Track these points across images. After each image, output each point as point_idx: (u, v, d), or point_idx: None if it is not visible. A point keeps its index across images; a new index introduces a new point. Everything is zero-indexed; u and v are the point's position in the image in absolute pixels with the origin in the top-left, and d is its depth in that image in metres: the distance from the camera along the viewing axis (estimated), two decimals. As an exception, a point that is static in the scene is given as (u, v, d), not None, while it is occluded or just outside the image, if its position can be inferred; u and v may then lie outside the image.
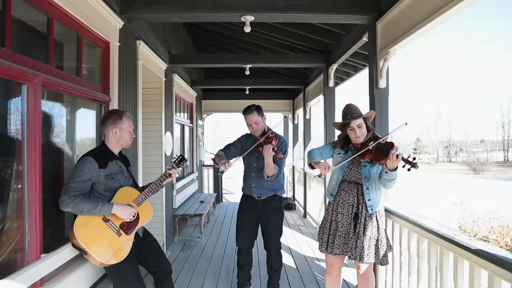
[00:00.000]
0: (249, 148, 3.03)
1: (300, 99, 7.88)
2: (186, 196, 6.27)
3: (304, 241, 5.38)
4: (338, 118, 5.29)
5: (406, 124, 2.31)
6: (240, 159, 3.07)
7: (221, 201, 9.02)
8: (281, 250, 3.28)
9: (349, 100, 2.73)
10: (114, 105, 2.98)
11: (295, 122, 8.91)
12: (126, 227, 2.26)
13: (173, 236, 5.37)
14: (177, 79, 5.57)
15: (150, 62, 4.16)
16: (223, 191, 9.72)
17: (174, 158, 2.55)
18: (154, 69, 4.36)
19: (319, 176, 2.53)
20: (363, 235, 2.50)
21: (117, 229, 2.21)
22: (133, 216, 2.27)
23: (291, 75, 7.74)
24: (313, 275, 3.99)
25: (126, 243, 2.23)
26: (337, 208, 2.64)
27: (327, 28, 4.51)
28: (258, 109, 3.02)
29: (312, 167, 2.63)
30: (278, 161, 2.98)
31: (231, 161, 2.90)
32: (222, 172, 2.87)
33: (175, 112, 5.71)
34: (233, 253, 4.76)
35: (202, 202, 6.40)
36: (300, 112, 8.40)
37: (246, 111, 3.01)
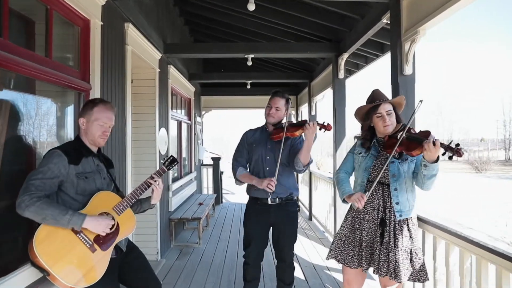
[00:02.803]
0: (260, 139, 2.70)
1: (305, 94, 7.44)
2: (183, 197, 5.83)
3: (311, 247, 4.94)
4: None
5: (421, 101, 2.00)
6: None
7: (221, 202, 8.58)
8: None
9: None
10: (95, 94, 2.54)
11: (299, 119, 8.48)
12: (103, 240, 1.82)
13: (168, 241, 4.93)
14: (173, 71, 5.13)
15: (141, 49, 3.72)
16: (223, 191, 9.29)
17: (164, 159, 2.15)
18: (146, 57, 3.92)
19: (356, 210, 2.20)
20: (394, 246, 2.07)
21: (91, 243, 1.78)
22: (110, 229, 1.84)
23: (295, 68, 7.29)
24: (325, 287, 3.56)
25: (101, 260, 1.79)
26: (359, 214, 2.22)
27: (338, 11, 4.07)
28: (288, 101, 2.69)
29: (346, 202, 2.24)
30: None
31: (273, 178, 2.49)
32: (272, 192, 2.53)
33: (171, 107, 5.28)
34: (234, 261, 4.34)
35: (200, 204, 5.96)
36: (304, 108, 7.98)
37: (277, 92, 2.68)
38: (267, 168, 2.64)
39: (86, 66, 2.48)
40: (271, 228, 2.76)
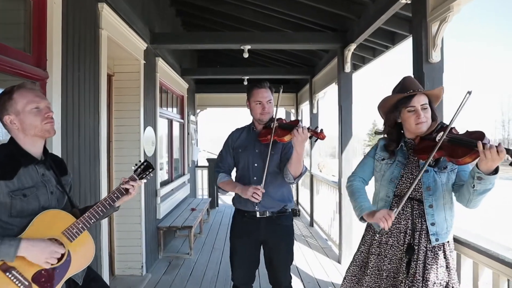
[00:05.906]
0: (247, 142, 2.25)
1: (306, 91, 6.97)
2: (174, 202, 5.35)
3: (313, 257, 4.48)
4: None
5: (469, 93, 1.48)
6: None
7: (217, 205, 8.09)
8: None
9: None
10: (54, 83, 2.07)
11: (299, 118, 8.01)
12: (45, 278, 1.36)
13: (156, 252, 4.46)
14: (162, 64, 4.65)
15: (121, 37, 3.24)
16: (219, 193, 8.80)
17: (135, 165, 1.62)
18: (128, 47, 3.44)
19: (381, 233, 1.71)
20: (423, 279, 1.61)
21: (27, 283, 1.31)
22: (58, 260, 1.37)
23: (295, 63, 6.82)
24: (331, 309, 3.11)
25: (42, 306, 1.33)
26: (380, 238, 1.76)
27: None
28: (271, 88, 2.28)
29: (365, 220, 1.74)
30: None
31: (259, 186, 2.04)
32: (257, 204, 2.14)
33: (161, 105, 4.81)
34: (228, 275, 3.87)
35: (193, 209, 5.48)
36: (305, 106, 7.52)
37: (260, 84, 2.24)
38: (255, 178, 2.18)
39: (41, 50, 2.01)
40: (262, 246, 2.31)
